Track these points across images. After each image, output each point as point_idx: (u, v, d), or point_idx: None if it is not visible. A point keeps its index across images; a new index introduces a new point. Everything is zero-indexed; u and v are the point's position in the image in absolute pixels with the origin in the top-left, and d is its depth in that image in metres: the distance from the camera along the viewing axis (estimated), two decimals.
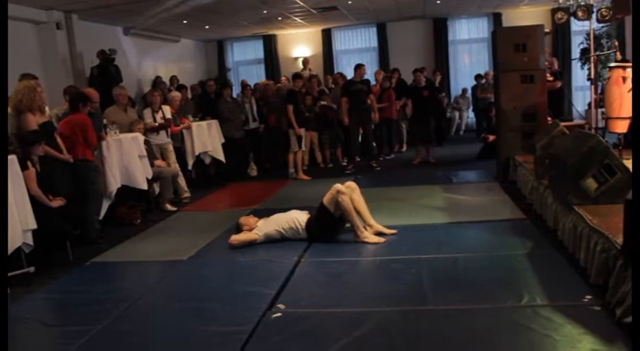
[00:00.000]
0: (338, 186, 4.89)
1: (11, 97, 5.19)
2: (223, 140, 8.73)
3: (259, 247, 4.92)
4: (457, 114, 13.65)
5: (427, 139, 9.30)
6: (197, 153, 8.17)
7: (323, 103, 9.63)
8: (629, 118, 5.56)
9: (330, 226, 4.96)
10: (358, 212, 4.96)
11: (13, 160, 4.50)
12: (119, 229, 6.15)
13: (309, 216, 5.01)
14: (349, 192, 4.90)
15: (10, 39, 4.85)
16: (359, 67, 9.15)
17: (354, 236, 4.88)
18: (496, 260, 4.18)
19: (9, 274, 4.40)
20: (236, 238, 4.98)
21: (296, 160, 8.75)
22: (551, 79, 8.35)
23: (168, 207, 7.03)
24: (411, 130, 9.67)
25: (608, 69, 6.52)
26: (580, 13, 7.33)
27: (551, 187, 4.87)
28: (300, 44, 14.78)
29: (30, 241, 4.58)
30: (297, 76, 9.21)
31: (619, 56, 7.06)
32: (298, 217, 5.00)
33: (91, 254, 5.19)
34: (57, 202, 5.02)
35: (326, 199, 4.91)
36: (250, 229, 5.06)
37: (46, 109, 5.57)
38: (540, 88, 7.06)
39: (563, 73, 11.13)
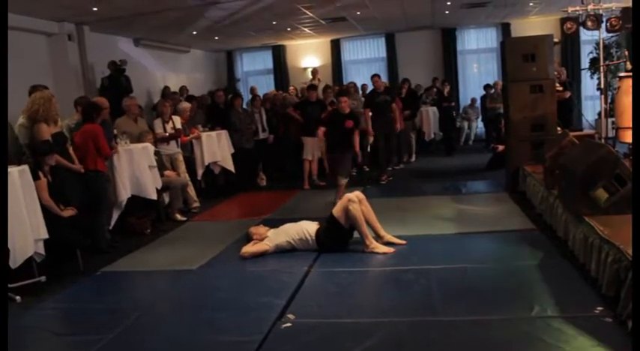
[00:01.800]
0: (349, 195, 4.91)
1: (27, 107, 5.25)
2: (233, 150, 8.76)
3: (269, 258, 4.92)
4: (466, 124, 13.63)
5: (342, 174, 7.42)
6: (206, 163, 8.20)
7: None
8: None
9: (339, 237, 4.97)
10: (368, 222, 4.96)
11: (25, 169, 4.53)
12: (129, 239, 6.17)
13: (318, 226, 5.02)
14: (358, 202, 4.91)
15: (21, 51, 4.98)
16: (372, 78, 9.28)
17: (362, 246, 4.88)
18: (506, 271, 4.17)
19: (20, 284, 4.43)
20: (247, 250, 4.99)
21: (304, 169, 8.87)
22: (560, 88, 8.34)
23: (178, 217, 7.06)
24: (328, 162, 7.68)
25: (618, 79, 6.50)
26: (589, 23, 7.32)
27: (561, 198, 4.85)
28: (309, 54, 14.86)
29: (42, 251, 4.60)
30: (311, 87, 9.30)
31: (629, 66, 7.04)
32: (308, 228, 5.00)
33: (102, 264, 5.21)
34: (68, 212, 5.06)
35: (336, 210, 4.92)
36: (261, 239, 5.07)
37: (58, 119, 5.62)
38: (549, 98, 7.05)
39: (573, 83, 11.11)
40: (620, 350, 2.76)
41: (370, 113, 8.98)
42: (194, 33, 11.30)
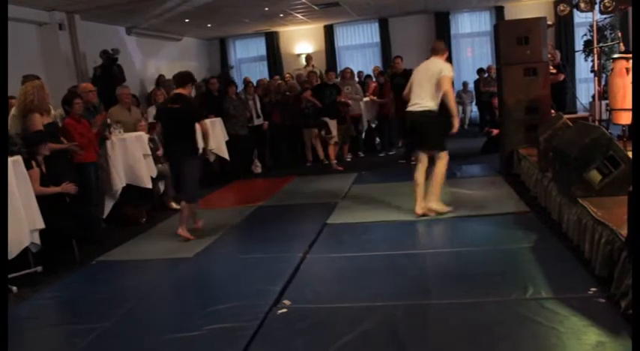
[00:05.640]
0: None
1: (19, 98, 5.21)
2: (227, 138, 8.73)
3: (264, 244, 4.93)
4: (460, 108, 13.58)
5: None
6: (201, 151, 8.16)
7: (341, 99, 9.55)
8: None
9: None
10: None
11: (18, 160, 4.51)
12: (125, 228, 6.17)
13: None
14: None
15: (12, 40, 4.90)
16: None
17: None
18: (500, 253, 4.19)
19: (16, 275, 4.43)
20: None
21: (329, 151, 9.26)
22: (554, 71, 8.33)
23: (173, 205, 7.04)
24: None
25: (611, 60, 6.49)
26: (583, 5, 7.29)
27: (555, 180, 4.86)
28: (302, 41, 14.76)
29: (37, 241, 4.60)
30: (330, 70, 9.93)
31: (622, 47, 7.02)
32: None
33: (98, 253, 5.21)
34: (68, 187, 5.02)
35: None
36: None
37: (51, 109, 5.59)
38: (543, 81, 7.04)
39: (566, 66, 11.09)
40: (613, 330, 2.78)
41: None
42: (186, 20, 11.21)
